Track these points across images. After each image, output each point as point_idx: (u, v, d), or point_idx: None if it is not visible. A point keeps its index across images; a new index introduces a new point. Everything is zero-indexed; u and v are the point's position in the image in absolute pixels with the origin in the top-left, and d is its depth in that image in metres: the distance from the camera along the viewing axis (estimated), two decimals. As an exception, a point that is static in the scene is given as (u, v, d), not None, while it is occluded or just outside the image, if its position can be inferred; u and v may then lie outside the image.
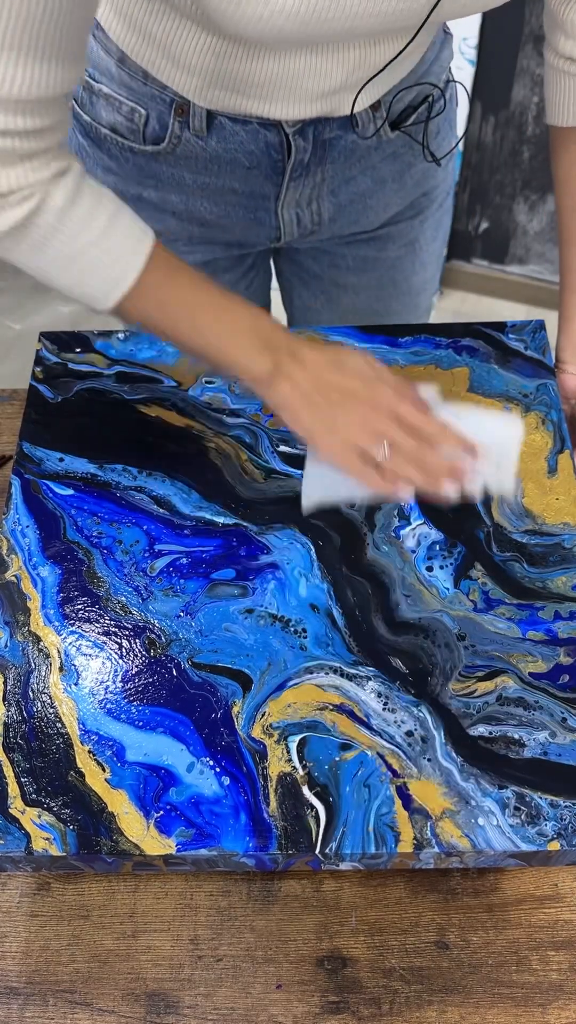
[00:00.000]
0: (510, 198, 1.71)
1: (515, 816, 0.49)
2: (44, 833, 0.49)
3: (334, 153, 0.70)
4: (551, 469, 0.63)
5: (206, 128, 0.67)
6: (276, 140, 0.67)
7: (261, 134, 0.67)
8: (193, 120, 0.67)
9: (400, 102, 0.70)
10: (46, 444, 0.65)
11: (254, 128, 0.66)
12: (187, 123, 0.67)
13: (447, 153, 0.78)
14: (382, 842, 0.49)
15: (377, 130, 0.70)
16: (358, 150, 0.71)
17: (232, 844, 0.49)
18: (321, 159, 0.70)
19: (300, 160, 0.69)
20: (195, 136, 0.68)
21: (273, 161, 0.69)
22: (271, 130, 0.67)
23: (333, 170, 0.72)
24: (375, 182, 0.75)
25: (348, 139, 0.70)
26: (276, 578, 0.58)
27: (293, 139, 0.67)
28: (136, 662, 0.55)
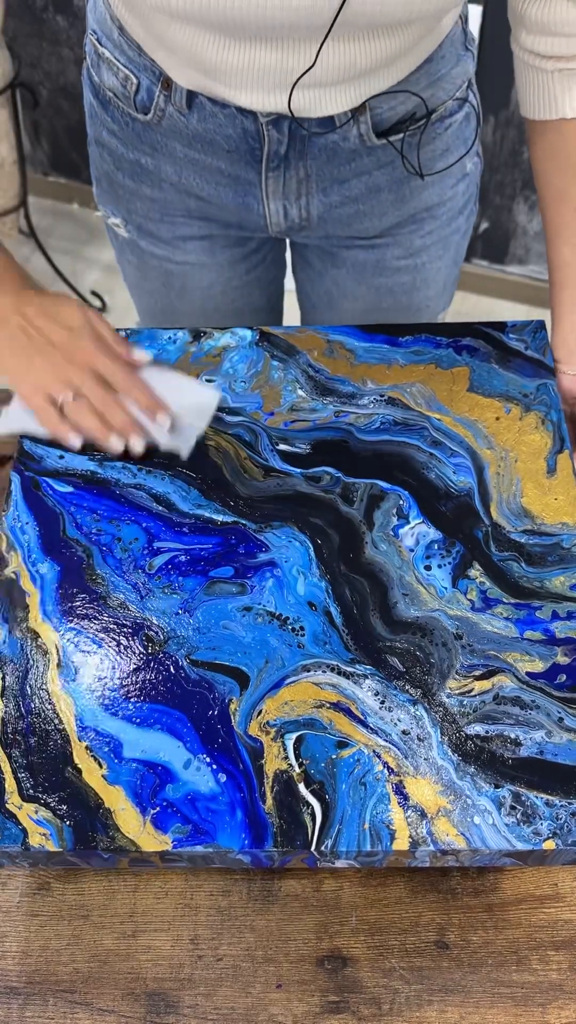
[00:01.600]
0: (510, 198, 1.71)
1: (511, 815, 0.49)
2: (41, 829, 0.49)
3: (314, 150, 0.70)
4: (550, 469, 0.63)
5: (187, 105, 0.68)
6: (252, 128, 0.68)
7: (238, 119, 0.67)
8: (175, 95, 0.68)
9: (392, 111, 0.69)
10: (46, 441, 0.65)
11: (232, 112, 0.67)
12: (171, 98, 0.68)
13: (440, 170, 0.76)
14: (378, 840, 0.49)
15: (362, 136, 0.69)
16: (342, 152, 0.70)
17: (228, 841, 0.49)
18: (301, 154, 0.70)
19: (275, 151, 0.69)
20: (178, 112, 0.69)
21: (251, 148, 0.70)
22: (247, 117, 0.67)
23: (317, 167, 0.71)
24: (369, 189, 0.74)
25: (328, 139, 0.69)
26: (274, 576, 0.58)
27: (266, 130, 0.68)
28: (134, 659, 0.55)
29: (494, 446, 0.64)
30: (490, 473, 0.62)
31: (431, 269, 0.84)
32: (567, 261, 0.68)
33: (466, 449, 0.64)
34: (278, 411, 0.66)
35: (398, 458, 0.63)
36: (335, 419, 0.65)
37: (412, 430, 0.65)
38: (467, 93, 0.75)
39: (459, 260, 0.88)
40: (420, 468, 0.63)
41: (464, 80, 0.74)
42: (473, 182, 0.82)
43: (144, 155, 0.75)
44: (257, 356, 0.69)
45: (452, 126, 0.74)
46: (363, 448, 0.64)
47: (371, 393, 0.67)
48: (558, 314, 0.69)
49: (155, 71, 0.68)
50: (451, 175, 0.78)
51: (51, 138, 1.99)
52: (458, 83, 0.73)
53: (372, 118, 0.68)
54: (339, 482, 0.62)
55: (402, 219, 0.79)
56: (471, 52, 0.75)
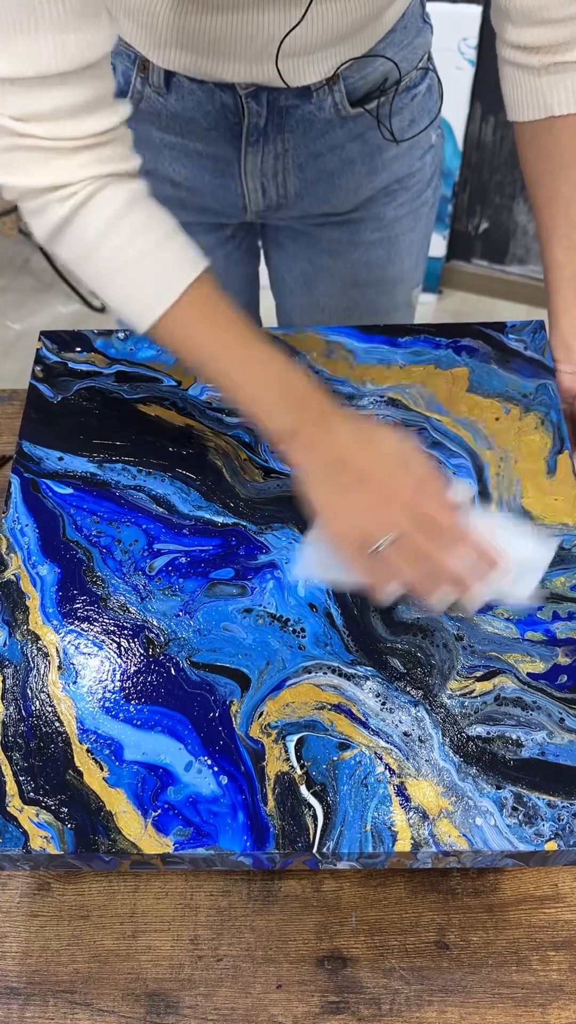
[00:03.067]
0: (510, 198, 1.71)
1: (513, 816, 0.49)
2: (42, 831, 0.49)
3: (291, 122, 0.71)
4: (550, 470, 0.63)
5: (164, 85, 0.68)
6: (231, 102, 0.68)
7: (217, 95, 0.68)
8: (152, 76, 0.68)
9: (363, 80, 0.71)
10: (46, 443, 0.65)
11: (210, 88, 0.67)
12: (148, 80, 0.68)
13: (411, 136, 0.78)
14: (379, 842, 0.49)
15: (336, 105, 0.71)
16: (317, 123, 0.72)
17: (230, 843, 0.49)
18: (280, 127, 0.71)
19: (255, 124, 0.70)
20: (155, 93, 0.69)
21: (230, 124, 0.70)
22: (226, 92, 0.68)
23: (294, 141, 0.72)
24: (343, 162, 0.76)
25: (305, 109, 0.70)
26: (275, 578, 0.58)
27: (246, 102, 0.68)
28: (135, 661, 0.55)
29: (494, 447, 0.64)
30: (490, 474, 0.62)
31: (404, 242, 0.86)
32: (560, 263, 0.68)
33: (466, 450, 0.64)
34: None
35: (398, 459, 0.63)
36: (335, 420, 0.65)
37: (412, 431, 0.65)
38: (428, 64, 0.77)
39: (429, 233, 0.90)
40: (420, 469, 0.63)
41: (425, 51, 0.76)
42: (438, 155, 0.84)
43: None
44: (257, 357, 0.69)
45: (417, 96, 0.77)
46: (363, 449, 0.64)
47: (371, 394, 0.67)
48: (554, 315, 0.69)
49: (130, 55, 0.68)
50: (418, 146, 0.80)
51: (50, 137, 1.98)
52: (420, 53, 0.75)
53: (346, 87, 0.70)
54: (339, 483, 0.62)
55: (375, 192, 0.80)
56: (429, 25, 0.77)
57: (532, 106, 0.67)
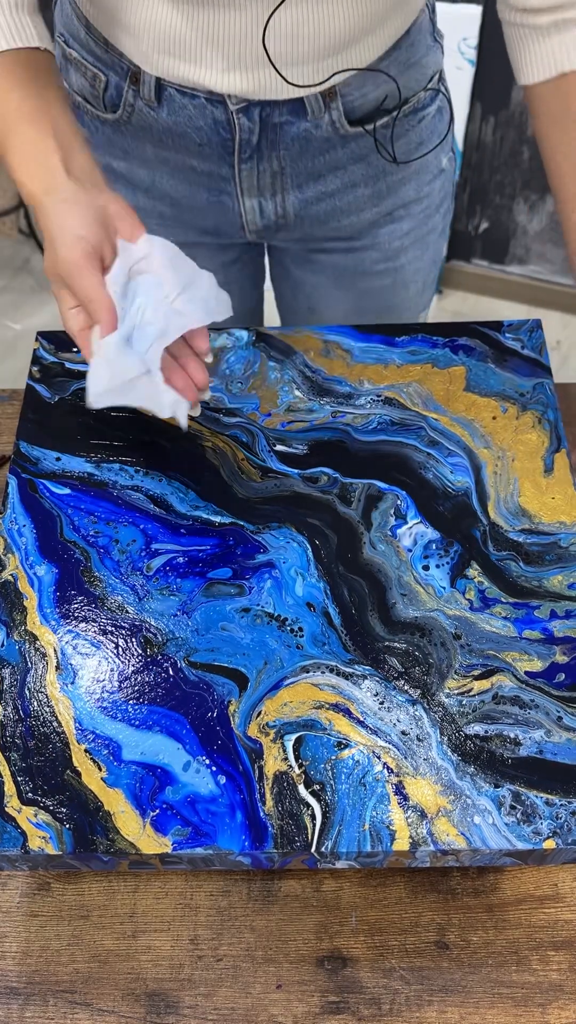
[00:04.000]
0: (510, 198, 1.71)
1: (511, 815, 0.49)
2: (40, 832, 0.49)
3: (287, 140, 0.69)
4: (547, 468, 0.63)
5: (155, 98, 0.67)
6: (223, 118, 0.67)
7: (208, 109, 0.67)
8: (143, 88, 0.67)
9: (363, 98, 0.69)
10: (43, 443, 0.65)
11: (201, 103, 0.67)
12: (139, 92, 0.68)
13: (413, 159, 0.76)
14: (378, 840, 0.49)
15: (335, 123, 0.69)
16: (314, 141, 0.70)
17: (228, 843, 0.49)
18: (274, 143, 0.69)
19: (247, 141, 0.69)
20: (147, 106, 0.68)
21: (222, 140, 0.69)
22: (217, 107, 0.67)
23: (291, 159, 0.71)
24: (344, 184, 0.74)
25: (300, 127, 0.69)
26: (272, 577, 0.58)
27: (236, 117, 0.67)
28: (132, 661, 0.55)
29: (491, 445, 0.64)
30: (487, 472, 0.62)
31: (410, 270, 0.84)
32: None
33: (463, 449, 0.64)
34: (275, 412, 0.66)
35: (395, 458, 0.63)
36: (332, 419, 0.65)
37: (409, 430, 0.65)
38: (439, 85, 0.75)
39: (438, 260, 0.88)
40: (417, 468, 0.63)
41: (435, 71, 0.74)
42: (449, 179, 0.82)
43: (116, 159, 0.74)
44: (253, 357, 0.69)
45: (425, 119, 0.75)
46: (360, 448, 0.64)
47: (368, 393, 0.67)
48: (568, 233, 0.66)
49: (123, 66, 0.68)
50: (427, 171, 0.78)
51: (49, 139, 1.98)
52: (429, 73, 0.73)
53: (344, 105, 0.68)
54: (337, 483, 0.62)
55: (379, 216, 0.78)
56: (439, 44, 0.75)
57: (542, 66, 0.64)
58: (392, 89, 0.70)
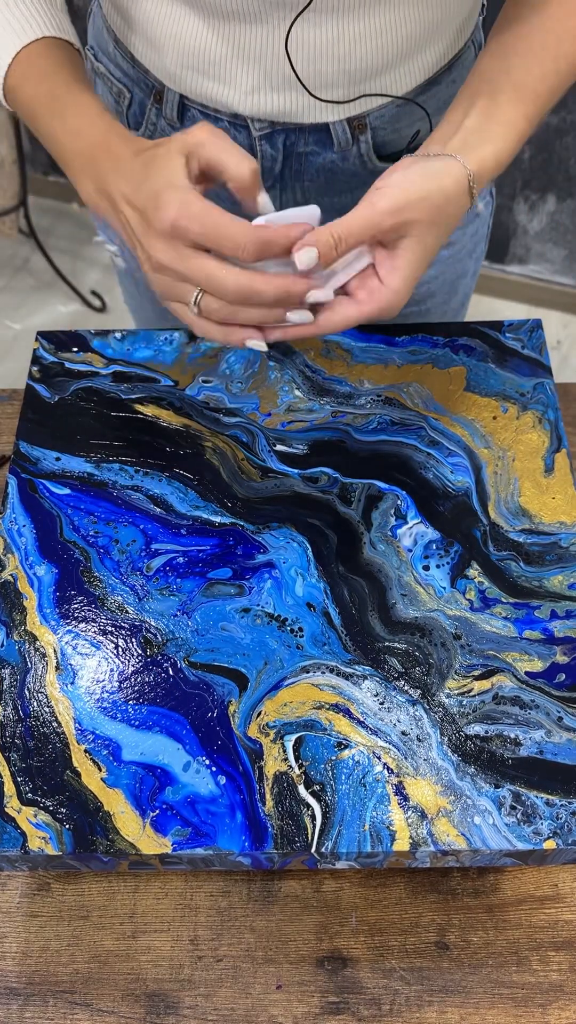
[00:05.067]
0: (510, 198, 1.71)
1: (511, 815, 0.49)
2: (40, 832, 0.49)
3: (311, 171, 0.67)
4: (548, 468, 0.62)
5: (178, 118, 0.66)
6: (246, 143, 0.65)
7: (231, 134, 0.65)
8: (166, 108, 0.66)
9: (396, 133, 0.67)
10: (43, 443, 0.65)
11: (224, 126, 0.65)
12: (162, 112, 0.67)
13: None
14: (378, 841, 0.49)
15: (363, 156, 0.66)
16: (341, 174, 0.68)
17: (228, 843, 0.49)
18: (299, 174, 0.67)
19: (270, 169, 0.67)
20: (169, 126, 0.67)
21: None
22: (241, 131, 0.65)
23: (315, 191, 0.69)
24: None
25: (327, 158, 0.66)
26: (272, 577, 0.58)
27: (259, 143, 0.65)
28: (132, 661, 0.55)
29: (491, 445, 0.64)
30: (488, 472, 0.62)
31: (436, 314, 0.81)
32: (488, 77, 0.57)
33: (463, 448, 0.64)
34: (275, 412, 0.66)
35: (395, 458, 0.63)
36: (332, 419, 0.65)
37: (409, 430, 0.65)
38: None
39: (467, 301, 0.85)
40: (418, 468, 0.63)
41: None
42: (484, 223, 0.78)
43: None
44: (254, 356, 0.69)
45: None
46: (360, 448, 0.64)
47: (368, 393, 0.67)
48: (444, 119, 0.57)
49: (148, 83, 0.67)
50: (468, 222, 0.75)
51: (49, 139, 1.98)
52: None
53: (374, 138, 0.66)
54: (337, 482, 0.62)
55: None
56: None
57: None
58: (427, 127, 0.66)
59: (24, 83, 0.57)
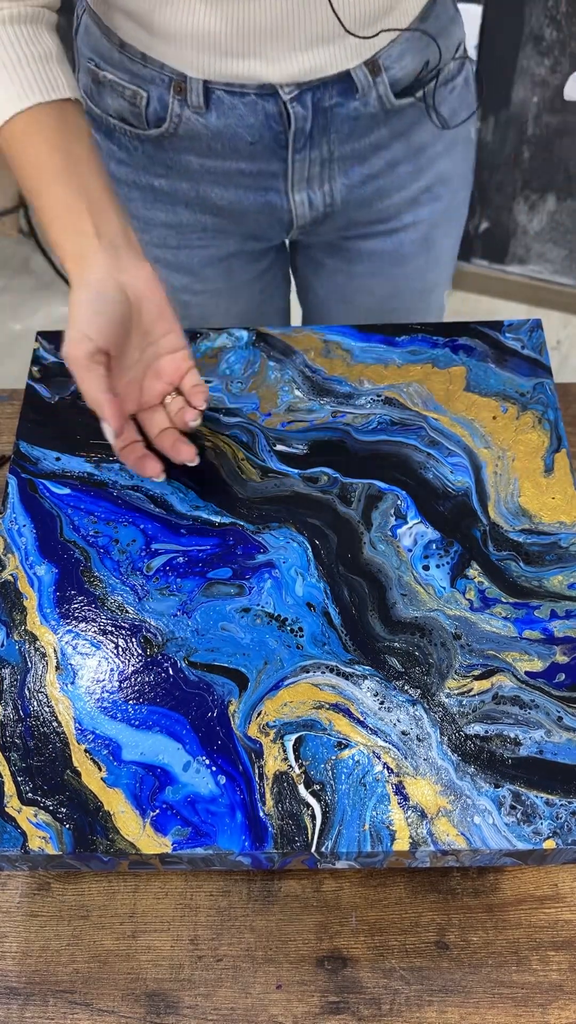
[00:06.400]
0: (510, 198, 1.71)
1: (511, 815, 0.49)
2: (40, 832, 0.49)
3: (337, 122, 0.70)
4: (547, 468, 0.63)
5: (204, 103, 0.67)
6: (275, 110, 0.67)
7: (259, 105, 0.67)
8: (191, 96, 0.67)
9: (404, 68, 0.70)
10: (43, 443, 0.65)
11: (252, 100, 0.66)
12: (186, 100, 0.67)
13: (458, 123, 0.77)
14: (378, 841, 0.49)
15: (381, 98, 0.70)
16: (363, 120, 0.71)
17: (228, 843, 0.49)
18: (324, 129, 0.70)
19: (301, 129, 0.69)
20: (195, 113, 0.68)
21: (275, 133, 0.69)
22: (269, 100, 0.67)
23: (339, 143, 0.71)
24: (388, 164, 0.75)
25: (350, 107, 0.69)
26: (272, 577, 0.58)
27: (291, 106, 0.67)
28: (132, 661, 0.55)
29: (491, 445, 0.64)
30: (488, 472, 0.62)
31: (441, 247, 0.85)
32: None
33: (463, 449, 0.64)
34: (275, 412, 0.66)
35: (395, 458, 0.63)
36: (332, 419, 0.65)
37: (409, 430, 0.65)
38: (465, 53, 0.76)
39: (460, 234, 0.89)
40: (417, 468, 0.63)
41: (459, 40, 0.76)
42: (473, 148, 0.83)
43: (157, 177, 0.74)
44: (254, 356, 0.69)
45: (455, 90, 0.76)
46: (360, 448, 0.64)
47: (368, 393, 0.67)
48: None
49: (164, 78, 0.67)
50: (458, 142, 0.80)
51: (49, 139, 1.98)
52: (455, 41, 0.75)
53: (388, 78, 0.69)
54: (337, 482, 0.62)
55: (419, 193, 0.79)
56: (459, 13, 0.76)
57: None
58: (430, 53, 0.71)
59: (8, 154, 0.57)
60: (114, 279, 0.56)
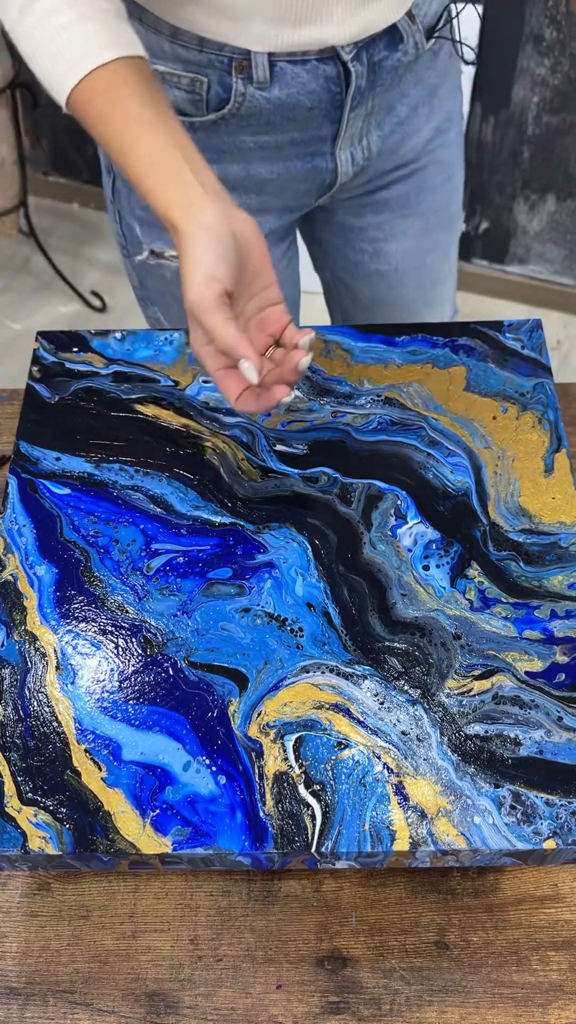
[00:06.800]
0: (510, 198, 1.71)
1: (511, 815, 0.49)
2: (40, 832, 0.49)
3: (383, 74, 0.73)
4: (547, 468, 0.63)
5: (269, 77, 0.68)
6: (334, 72, 0.69)
7: (320, 70, 0.69)
8: (256, 72, 0.68)
9: (431, 12, 0.74)
10: (43, 443, 0.65)
11: (313, 65, 0.68)
12: (250, 78, 0.69)
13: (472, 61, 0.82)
14: (378, 841, 0.49)
15: (417, 45, 0.73)
16: (400, 69, 0.74)
17: (228, 843, 0.49)
18: (372, 84, 0.73)
19: (358, 87, 0.72)
20: (258, 89, 0.69)
21: (332, 95, 0.71)
22: (328, 63, 0.69)
23: (378, 97, 0.74)
24: (410, 109, 0.78)
25: (393, 58, 0.72)
26: (273, 577, 0.58)
27: (352, 66, 0.69)
28: (132, 661, 0.55)
29: (491, 445, 0.64)
30: (488, 472, 0.62)
31: (457, 177, 0.89)
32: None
33: (463, 449, 0.64)
34: (275, 412, 0.66)
35: (395, 458, 0.63)
36: (332, 419, 0.65)
37: (409, 430, 0.65)
38: None
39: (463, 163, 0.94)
40: (417, 468, 0.63)
41: None
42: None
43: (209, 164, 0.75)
44: (255, 357, 0.69)
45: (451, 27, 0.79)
46: (360, 448, 0.64)
47: (368, 393, 0.67)
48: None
49: (223, 60, 0.68)
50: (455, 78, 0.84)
51: (51, 138, 1.99)
52: None
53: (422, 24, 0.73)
54: (337, 482, 0.62)
55: (434, 133, 0.82)
56: None
57: None
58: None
59: (89, 109, 0.57)
60: (227, 224, 0.55)
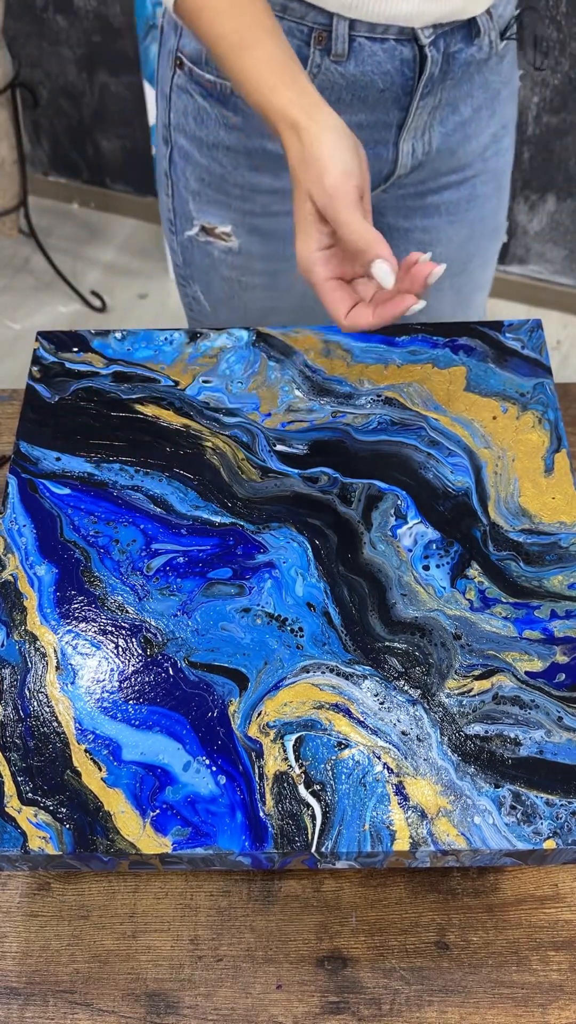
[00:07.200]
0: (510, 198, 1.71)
1: (511, 815, 0.49)
2: (40, 832, 0.49)
3: (455, 68, 0.72)
4: (547, 468, 0.63)
5: (347, 51, 0.68)
6: (410, 55, 0.69)
7: (397, 51, 0.68)
8: (336, 44, 0.68)
9: (506, 13, 0.73)
10: (43, 443, 0.65)
11: (391, 45, 0.68)
12: (327, 49, 0.68)
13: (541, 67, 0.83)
14: (378, 841, 0.49)
15: (492, 42, 0.72)
16: (472, 66, 0.73)
17: (228, 843, 0.49)
18: (445, 75, 0.72)
19: (431, 75, 0.71)
20: (334, 63, 0.69)
21: (405, 79, 0.70)
22: (406, 45, 0.68)
23: (446, 91, 0.73)
24: (473, 110, 0.77)
25: (468, 52, 0.72)
26: (273, 577, 0.58)
27: (429, 51, 0.69)
28: (132, 661, 0.55)
29: (491, 445, 0.64)
30: (488, 472, 0.62)
31: (505, 190, 0.88)
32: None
33: (463, 449, 0.64)
34: (275, 412, 0.66)
35: (396, 458, 0.63)
36: (332, 419, 0.65)
37: (409, 430, 0.65)
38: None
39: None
40: (418, 468, 0.63)
41: None
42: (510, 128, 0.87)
43: (271, 140, 0.74)
44: (254, 356, 0.69)
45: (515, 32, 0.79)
46: (360, 448, 0.64)
47: (368, 393, 0.67)
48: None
49: (303, 29, 0.68)
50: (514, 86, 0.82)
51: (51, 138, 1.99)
52: None
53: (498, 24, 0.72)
54: (337, 482, 0.62)
55: (491, 139, 0.81)
56: None
57: None
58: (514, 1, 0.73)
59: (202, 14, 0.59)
60: (351, 134, 0.56)
